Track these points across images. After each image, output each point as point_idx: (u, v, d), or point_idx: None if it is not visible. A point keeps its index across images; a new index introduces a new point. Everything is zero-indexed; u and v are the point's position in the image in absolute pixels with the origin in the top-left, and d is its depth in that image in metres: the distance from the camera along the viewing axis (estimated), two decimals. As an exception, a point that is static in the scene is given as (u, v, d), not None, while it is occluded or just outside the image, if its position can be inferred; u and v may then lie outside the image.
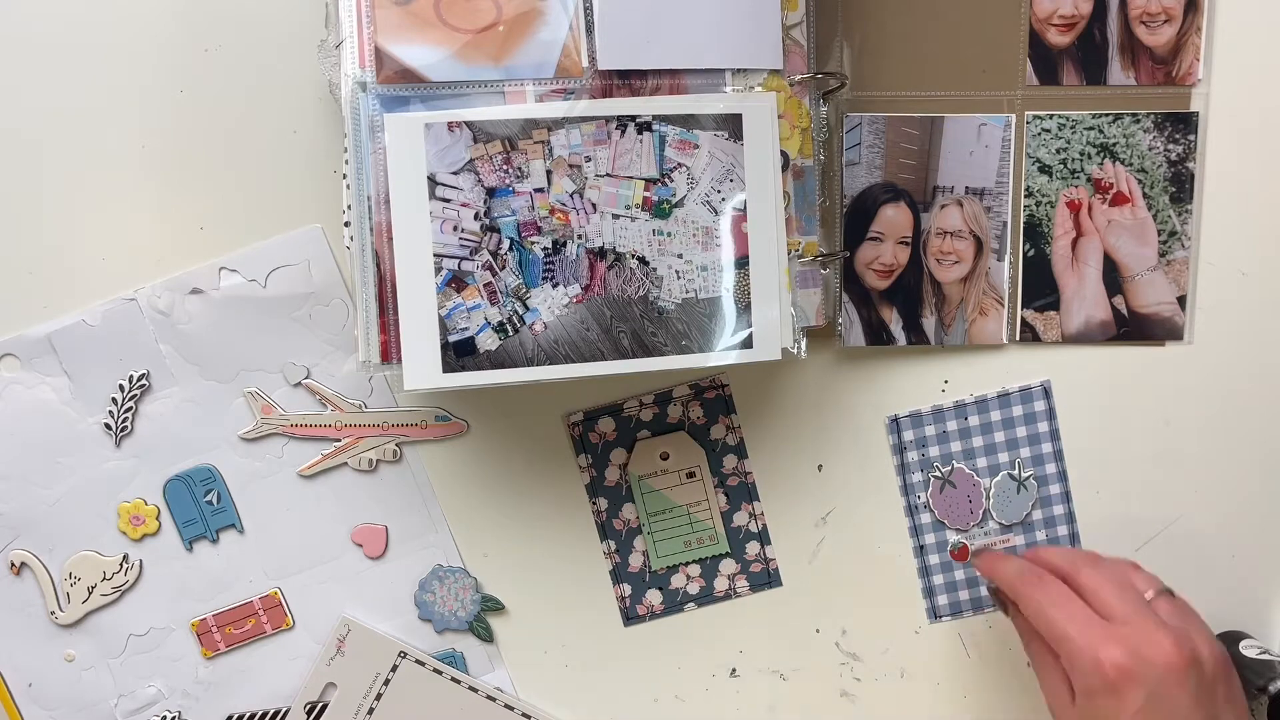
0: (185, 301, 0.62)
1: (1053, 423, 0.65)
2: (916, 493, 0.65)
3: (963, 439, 0.65)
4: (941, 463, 0.64)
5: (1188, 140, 0.64)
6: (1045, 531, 0.66)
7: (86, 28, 0.61)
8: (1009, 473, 0.65)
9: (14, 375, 0.62)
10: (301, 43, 0.60)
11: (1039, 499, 0.65)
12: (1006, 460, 0.65)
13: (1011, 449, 0.65)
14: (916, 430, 0.65)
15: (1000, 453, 0.65)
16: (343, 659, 0.65)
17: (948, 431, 0.64)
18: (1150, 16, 0.63)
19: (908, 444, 0.65)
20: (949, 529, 0.65)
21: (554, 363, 0.54)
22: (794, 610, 0.67)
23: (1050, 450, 0.65)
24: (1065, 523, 0.66)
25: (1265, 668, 0.62)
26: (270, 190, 0.62)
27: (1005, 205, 0.64)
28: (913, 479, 0.65)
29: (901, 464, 0.65)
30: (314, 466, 0.64)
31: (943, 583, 0.66)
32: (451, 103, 0.53)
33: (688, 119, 0.55)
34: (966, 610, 0.66)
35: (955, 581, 0.66)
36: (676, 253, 0.55)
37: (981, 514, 0.65)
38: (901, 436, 0.65)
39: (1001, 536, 0.65)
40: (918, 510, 0.65)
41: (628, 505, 0.66)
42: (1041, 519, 0.66)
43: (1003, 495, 0.65)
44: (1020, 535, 0.65)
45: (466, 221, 0.54)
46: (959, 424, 0.65)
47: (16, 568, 0.64)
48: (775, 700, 0.68)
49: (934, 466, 0.64)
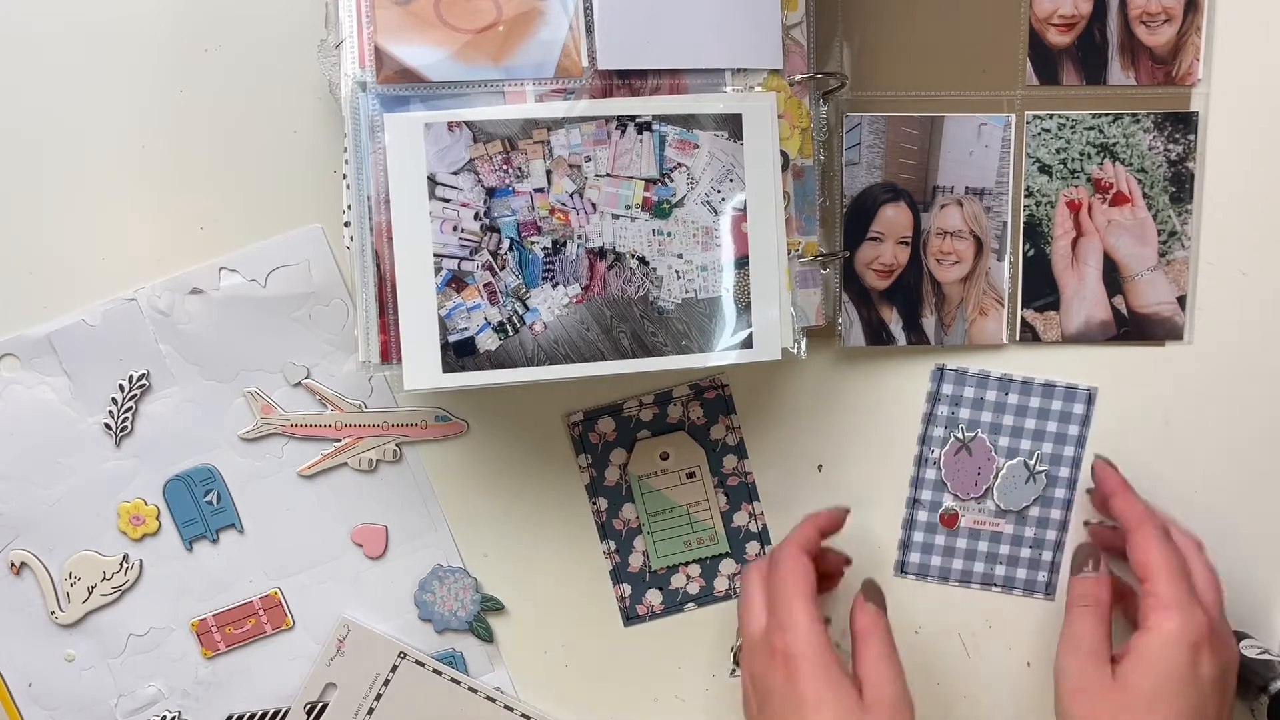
0: (185, 301, 0.62)
1: (1084, 429, 0.65)
2: (932, 446, 0.65)
3: (995, 412, 0.65)
4: (968, 427, 0.65)
5: (1188, 140, 0.64)
6: (1035, 529, 0.66)
7: (86, 28, 0.61)
8: (1025, 460, 0.65)
9: (14, 375, 0.62)
10: (301, 43, 0.60)
11: (1042, 496, 0.65)
12: (1027, 448, 0.65)
13: (1036, 439, 0.65)
14: (957, 387, 0.65)
15: (1024, 438, 0.65)
16: (343, 659, 0.65)
17: (985, 400, 0.64)
18: (1150, 16, 0.63)
19: (944, 396, 0.65)
20: (948, 492, 0.65)
21: (554, 363, 0.54)
22: (794, 610, 0.67)
23: (1071, 454, 0.65)
24: (1056, 528, 0.66)
25: (1265, 668, 0.62)
26: (270, 190, 0.62)
27: (1005, 205, 0.64)
28: (934, 432, 0.65)
29: (930, 413, 0.65)
30: (314, 466, 0.64)
31: (920, 540, 0.66)
32: (451, 103, 0.53)
33: (688, 119, 0.55)
34: (933, 577, 0.66)
35: (933, 545, 0.66)
36: (676, 253, 0.55)
37: (984, 490, 0.65)
38: (940, 387, 0.65)
39: (993, 519, 0.65)
40: (926, 463, 0.65)
41: (628, 505, 0.66)
42: (1037, 516, 0.66)
43: (1011, 480, 0.65)
44: (1011, 524, 0.66)
45: (466, 221, 0.54)
46: (998, 396, 0.65)
47: (16, 568, 0.64)
48: (775, 700, 0.68)
49: (960, 426, 0.65)
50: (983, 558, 0.66)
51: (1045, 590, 0.66)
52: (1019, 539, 0.66)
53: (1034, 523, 0.66)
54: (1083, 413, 0.65)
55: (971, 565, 0.66)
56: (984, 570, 0.66)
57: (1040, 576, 0.66)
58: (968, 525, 0.66)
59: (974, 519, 0.66)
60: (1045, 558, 0.66)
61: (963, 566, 0.66)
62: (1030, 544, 0.66)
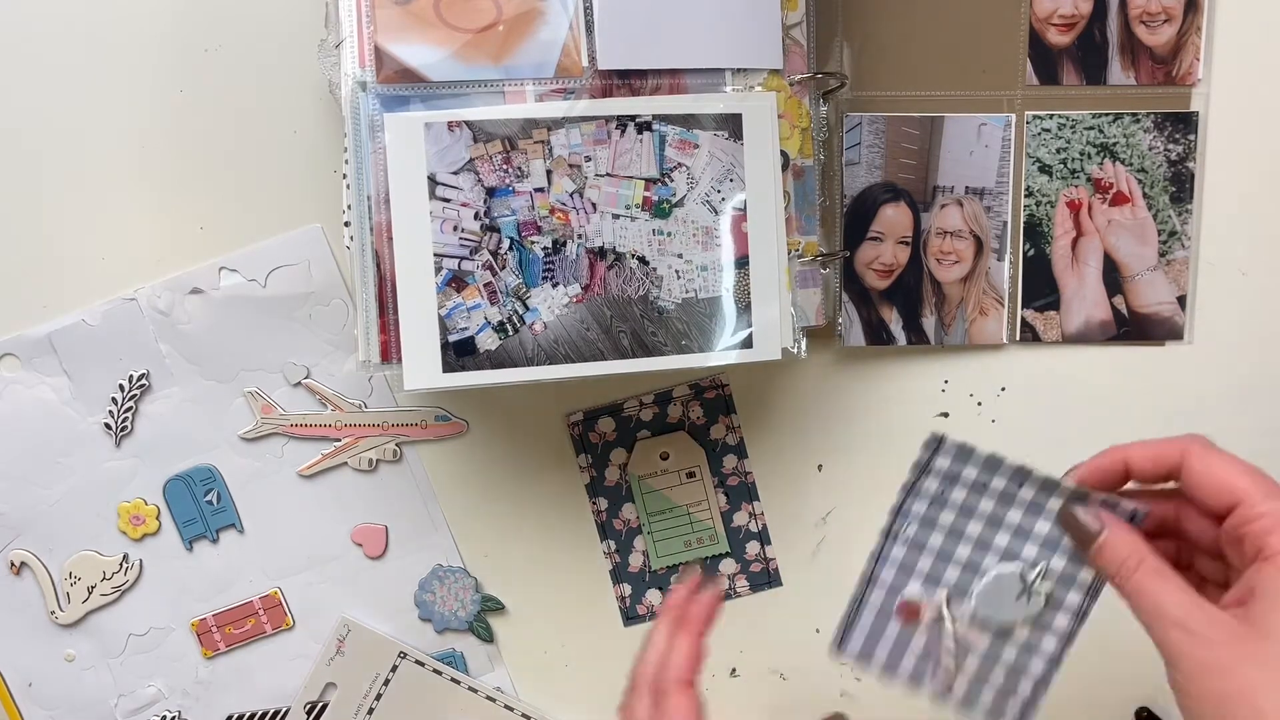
0: (185, 301, 0.62)
1: None
2: (909, 521, 0.50)
3: (1001, 503, 0.49)
4: (960, 512, 0.50)
5: (1188, 140, 0.64)
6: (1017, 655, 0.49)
7: (86, 28, 0.61)
8: (1023, 570, 0.49)
9: (14, 375, 0.62)
10: (301, 43, 0.60)
11: (1036, 619, 0.49)
12: (1031, 556, 0.49)
13: (1046, 549, 0.49)
14: (956, 465, 0.49)
15: (1030, 543, 0.49)
16: (342, 659, 0.65)
17: (989, 487, 0.49)
18: (1150, 16, 0.63)
19: (935, 471, 0.50)
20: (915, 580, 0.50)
21: (554, 363, 0.54)
22: (794, 610, 0.67)
23: (1086, 580, 0.49)
24: (1045, 660, 0.49)
25: (1266, 668, 0.61)
26: (270, 190, 0.62)
27: (1005, 205, 0.64)
28: (915, 506, 0.50)
29: (914, 485, 0.50)
30: (314, 466, 0.64)
31: (870, 625, 0.51)
32: (451, 102, 0.53)
33: (688, 119, 0.55)
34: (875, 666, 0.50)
35: (883, 634, 0.51)
36: (676, 252, 0.55)
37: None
38: (935, 461, 0.50)
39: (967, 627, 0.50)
40: (894, 538, 0.51)
41: (628, 505, 0.66)
42: (1022, 640, 0.49)
43: (998, 588, 0.49)
44: (988, 640, 0.50)
45: (466, 221, 0.54)
46: (1007, 486, 0.49)
47: (16, 568, 0.64)
48: (775, 700, 0.68)
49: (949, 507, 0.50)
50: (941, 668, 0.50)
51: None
52: (993, 658, 0.50)
53: (1014, 645, 0.50)
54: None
55: (924, 667, 0.51)
56: (941, 687, 0.50)
57: (1011, 707, 0.50)
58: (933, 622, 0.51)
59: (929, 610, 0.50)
60: (1023, 689, 0.49)
61: (914, 667, 0.51)
62: (1008, 669, 0.50)
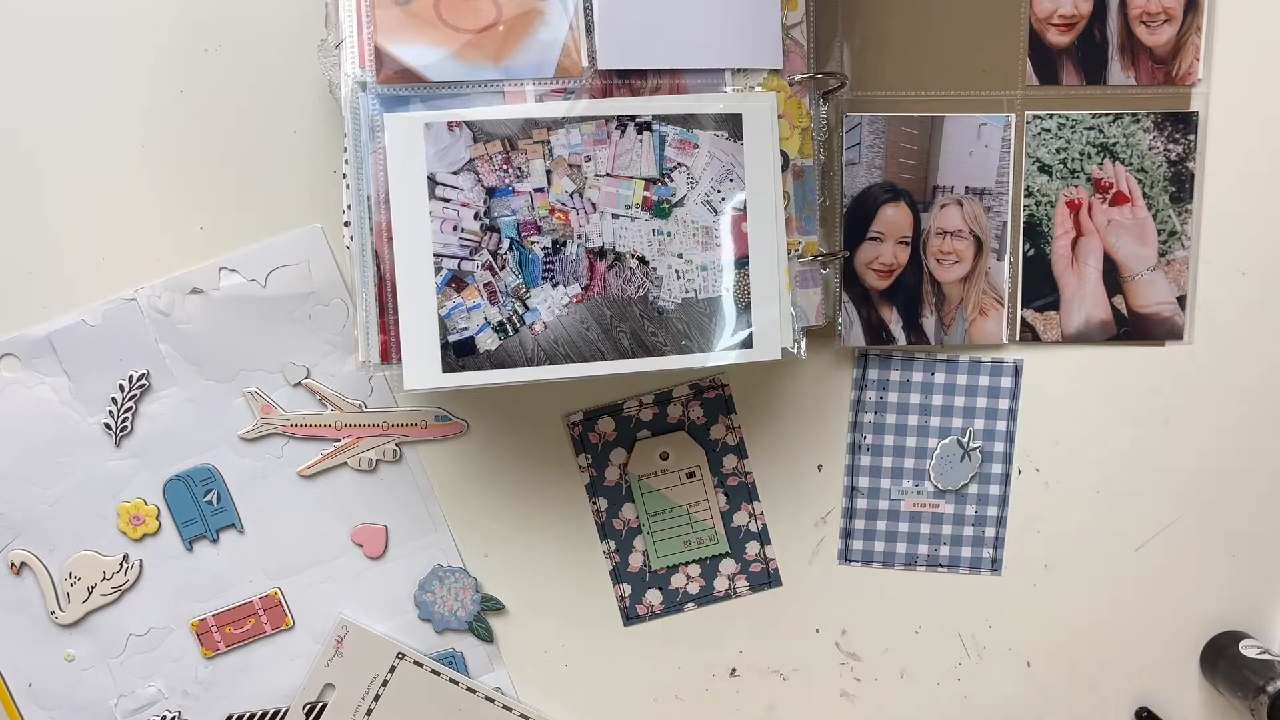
0: (185, 301, 0.62)
1: (1014, 402, 0.65)
2: (864, 432, 0.65)
3: (924, 392, 0.64)
4: (897, 410, 0.64)
5: (1188, 140, 0.64)
6: (976, 507, 0.66)
7: (87, 28, 0.61)
8: (958, 438, 0.65)
9: (14, 375, 0.62)
10: (301, 43, 0.60)
11: (979, 473, 0.65)
12: (959, 426, 0.65)
13: (968, 416, 0.65)
14: (882, 370, 0.64)
15: (955, 417, 0.65)
16: (341, 660, 0.65)
17: (911, 381, 0.64)
18: (1150, 16, 0.63)
19: (870, 381, 0.64)
20: (884, 478, 0.65)
21: (554, 363, 0.54)
22: (794, 610, 0.67)
23: (1004, 429, 0.65)
24: (997, 504, 0.66)
25: (1265, 668, 0.62)
26: (270, 190, 0.62)
27: (1005, 205, 0.64)
28: (865, 418, 0.65)
29: (858, 400, 0.64)
30: (314, 466, 0.64)
31: (862, 528, 0.66)
32: (451, 102, 0.53)
33: (688, 119, 0.55)
34: (878, 562, 0.66)
35: (875, 531, 0.66)
36: (676, 252, 0.55)
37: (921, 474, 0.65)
38: (865, 373, 0.64)
39: (933, 500, 0.65)
40: (859, 450, 0.65)
41: (628, 505, 0.66)
42: (976, 493, 0.65)
43: (946, 460, 0.65)
44: (952, 504, 0.66)
45: (466, 221, 0.54)
46: (924, 376, 0.64)
47: (16, 568, 0.64)
48: (775, 700, 0.68)
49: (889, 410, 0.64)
50: (926, 539, 0.66)
51: (992, 567, 0.67)
52: (960, 518, 0.66)
53: (974, 500, 0.66)
54: (1010, 385, 0.65)
55: (915, 548, 0.66)
56: (929, 552, 0.66)
57: (985, 553, 0.66)
58: (908, 509, 0.66)
59: (914, 501, 0.66)
60: (989, 534, 0.66)
61: (907, 550, 0.66)
62: (972, 522, 0.66)
